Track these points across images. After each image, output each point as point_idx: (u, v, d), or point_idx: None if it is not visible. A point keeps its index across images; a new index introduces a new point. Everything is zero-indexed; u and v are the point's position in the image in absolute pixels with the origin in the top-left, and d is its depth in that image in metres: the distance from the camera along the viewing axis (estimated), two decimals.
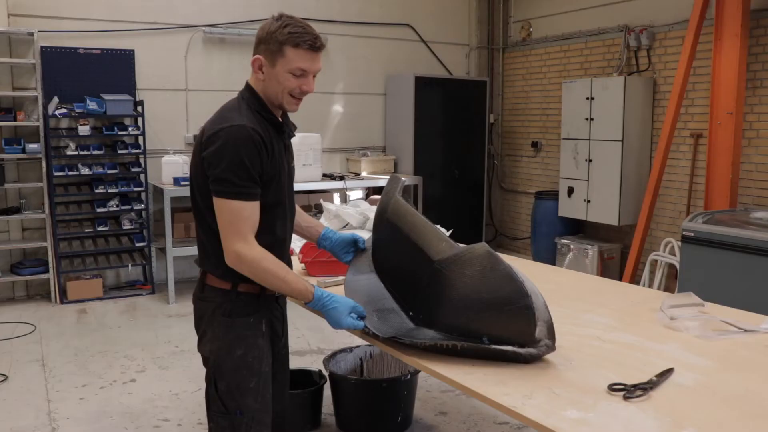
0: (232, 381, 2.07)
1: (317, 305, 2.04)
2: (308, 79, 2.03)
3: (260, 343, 2.12)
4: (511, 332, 1.83)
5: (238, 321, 2.08)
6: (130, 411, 3.75)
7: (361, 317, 2.03)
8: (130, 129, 6.07)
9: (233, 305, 2.08)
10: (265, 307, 2.15)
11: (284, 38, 1.97)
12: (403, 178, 2.43)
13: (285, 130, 2.12)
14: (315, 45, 2.00)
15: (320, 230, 2.46)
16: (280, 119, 2.11)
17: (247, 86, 2.10)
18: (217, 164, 1.93)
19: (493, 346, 1.83)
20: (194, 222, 2.15)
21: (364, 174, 7.12)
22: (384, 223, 2.26)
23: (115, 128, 5.96)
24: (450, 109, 7.51)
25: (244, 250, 1.95)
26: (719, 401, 1.64)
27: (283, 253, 2.17)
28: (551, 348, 1.85)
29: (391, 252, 2.25)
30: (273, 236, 2.10)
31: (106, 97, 5.88)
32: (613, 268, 6.54)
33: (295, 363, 3.41)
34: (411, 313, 2.08)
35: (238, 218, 1.95)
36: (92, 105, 5.81)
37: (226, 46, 6.63)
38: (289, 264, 2.21)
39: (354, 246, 2.46)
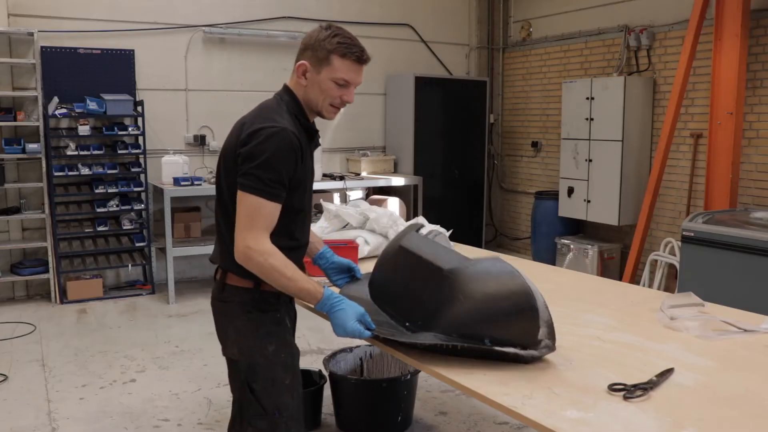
0: (267, 378, 2.04)
1: (325, 306, 1.98)
2: (350, 89, 2.07)
3: (288, 338, 2.13)
4: (514, 334, 1.83)
5: (265, 317, 2.08)
6: (130, 411, 3.75)
7: (369, 328, 1.98)
8: (130, 129, 6.07)
9: (258, 302, 2.07)
10: (285, 304, 2.16)
11: (333, 47, 2.01)
12: (421, 221, 2.57)
13: (315, 138, 2.15)
14: (362, 58, 2.05)
15: (319, 248, 2.45)
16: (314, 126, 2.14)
17: (287, 89, 2.11)
18: (252, 160, 1.94)
19: (495, 348, 1.84)
20: (217, 218, 2.13)
21: (364, 174, 7.12)
22: (395, 248, 2.30)
23: (115, 128, 5.96)
24: (450, 109, 7.51)
25: (253, 244, 1.94)
26: (719, 401, 1.64)
27: (299, 258, 2.18)
28: (551, 348, 1.85)
29: (399, 272, 2.26)
30: (294, 240, 2.11)
31: (106, 97, 5.88)
32: (613, 268, 6.54)
33: None
34: (407, 323, 2.06)
35: (257, 214, 1.95)
36: (92, 105, 5.81)
37: (226, 46, 6.62)
38: (303, 270, 2.19)
39: (348, 272, 2.46)
